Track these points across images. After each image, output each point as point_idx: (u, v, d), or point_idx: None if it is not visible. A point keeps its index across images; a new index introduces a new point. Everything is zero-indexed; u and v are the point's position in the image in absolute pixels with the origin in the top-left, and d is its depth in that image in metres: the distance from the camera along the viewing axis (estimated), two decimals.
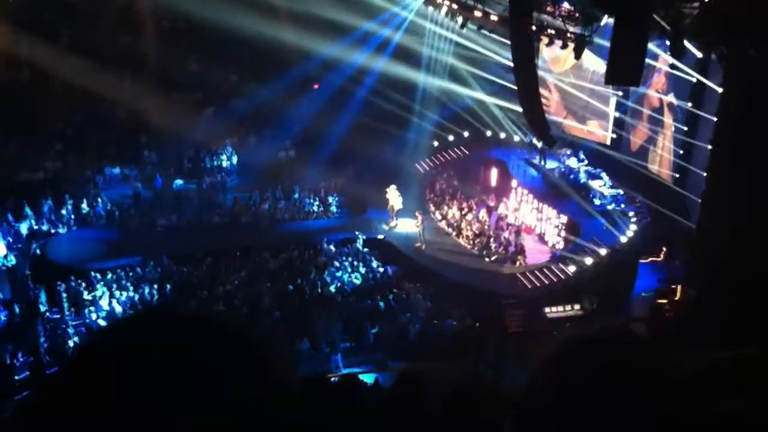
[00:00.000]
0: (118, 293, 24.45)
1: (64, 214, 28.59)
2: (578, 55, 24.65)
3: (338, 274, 26.80)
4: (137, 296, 24.54)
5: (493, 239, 29.50)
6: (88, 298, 23.92)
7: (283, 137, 34.90)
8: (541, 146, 31.55)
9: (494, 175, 34.63)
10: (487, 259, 28.63)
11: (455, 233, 30.76)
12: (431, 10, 32.16)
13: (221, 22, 30.39)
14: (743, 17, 17.45)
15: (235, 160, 34.47)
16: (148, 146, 33.45)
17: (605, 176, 30.49)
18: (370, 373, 21.15)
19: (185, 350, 1.18)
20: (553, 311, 24.95)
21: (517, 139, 35.18)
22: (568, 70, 33.33)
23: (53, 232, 28.01)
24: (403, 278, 27.13)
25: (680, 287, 23.10)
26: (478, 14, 27.74)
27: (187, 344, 1.19)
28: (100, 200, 30.01)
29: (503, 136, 35.75)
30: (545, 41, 26.79)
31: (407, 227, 29.97)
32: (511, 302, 25.33)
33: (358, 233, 28.99)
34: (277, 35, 31.74)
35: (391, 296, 25.53)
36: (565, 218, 29.51)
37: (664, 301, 23.51)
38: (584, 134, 33.79)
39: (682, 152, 28.42)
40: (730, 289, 18.09)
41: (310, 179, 32.86)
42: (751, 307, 16.07)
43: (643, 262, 27.66)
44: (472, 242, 29.85)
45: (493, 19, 27.51)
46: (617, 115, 32.39)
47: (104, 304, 23.74)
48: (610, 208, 29.07)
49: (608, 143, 32.87)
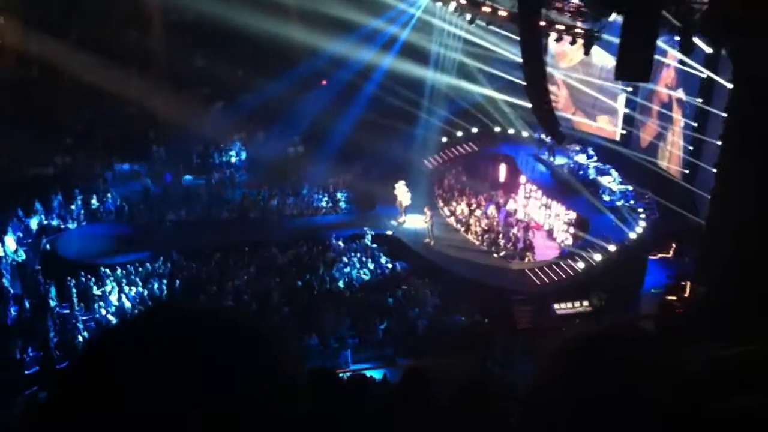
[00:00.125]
0: (127, 288, 24.53)
1: (73, 209, 28.68)
2: (587, 51, 24.60)
3: (347, 270, 26.80)
4: (146, 291, 24.61)
5: (501, 235, 29.49)
6: (97, 293, 24.01)
7: (291, 133, 34.90)
8: (549, 142, 31.49)
9: (503, 171, 34.60)
10: (495, 255, 28.61)
11: (464, 229, 30.74)
12: (439, 6, 32.08)
13: (229, 18, 30.42)
14: (751, 13, 17.37)
15: (243, 155, 34.51)
16: (157, 142, 33.49)
17: (614, 172, 30.43)
18: (378, 369, 21.20)
19: (194, 346, 1.18)
20: (561, 307, 24.95)
21: (525, 135, 35.10)
22: (575, 65, 33.26)
23: (63, 227, 28.12)
24: (411, 274, 27.14)
25: (689, 284, 23.05)
26: (486, 10, 27.66)
27: (196, 340, 1.19)
28: (109, 196, 30.09)
29: (512, 131, 35.68)
30: (554, 37, 26.71)
31: (416, 223, 29.95)
32: (519, 298, 25.33)
33: (366, 229, 28.99)
34: (285, 32, 31.77)
35: (399, 292, 25.54)
36: (574, 214, 29.46)
37: (673, 297, 23.46)
38: (593, 130, 33.71)
39: (691, 148, 28.35)
40: (739, 285, 18.03)
41: (318, 175, 32.87)
42: (760, 303, 16.03)
43: (652, 258, 27.59)
44: (480, 238, 29.83)
45: (501, 15, 27.43)
46: (626, 111, 32.31)
47: (114, 299, 23.82)
48: (619, 204, 29.02)
49: (617, 139, 32.81)
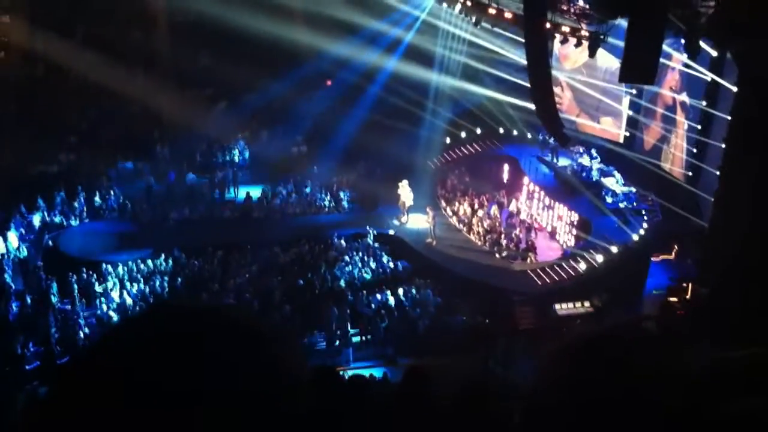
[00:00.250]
0: (129, 285, 24.55)
1: (76, 206, 28.71)
2: (593, 53, 24.60)
3: (348, 269, 26.80)
4: (148, 289, 24.64)
5: (503, 236, 29.48)
6: (99, 290, 24.03)
7: (295, 133, 34.89)
8: (553, 143, 31.46)
9: (506, 171, 34.59)
10: (497, 255, 28.61)
11: (466, 229, 30.74)
12: (444, 8, 32.06)
13: (234, 18, 30.41)
14: (757, 16, 17.33)
15: (247, 155, 34.52)
16: (161, 141, 33.51)
17: (618, 174, 30.39)
18: (379, 367, 21.22)
19: (196, 344, 1.18)
20: (563, 308, 24.94)
21: (529, 136, 35.10)
22: (579, 66, 33.24)
23: (66, 224, 28.16)
24: (413, 274, 27.13)
25: (691, 285, 23.02)
26: (492, 12, 27.64)
27: (197, 338, 1.19)
28: (112, 193, 30.12)
29: (516, 133, 35.68)
30: (559, 39, 26.70)
31: (418, 223, 29.96)
32: (521, 299, 25.32)
33: (369, 228, 28.97)
34: (290, 33, 31.74)
35: (401, 291, 25.53)
36: (576, 216, 29.44)
37: (675, 299, 23.43)
38: (597, 132, 33.68)
39: (695, 151, 28.31)
40: (742, 287, 18.00)
41: (321, 175, 32.88)
42: (762, 305, 15.99)
43: (654, 260, 27.56)
44: (482, 239, 29.83)
45: (507, 17, 27.42)
46: (630, 113, 32.28)
47: (115, 296, 23.83)
48: (622, 206, 28.99)
49: (621, 141, 32.77)
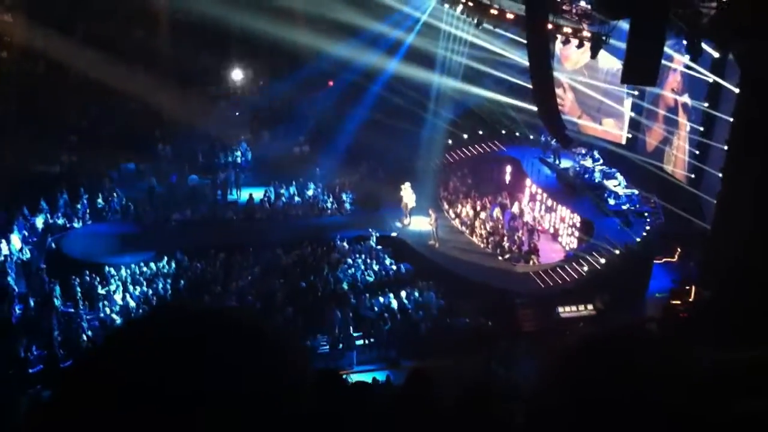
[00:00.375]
0: (131, 288, 24.53)
1: (79, 208, 28.73)
2: (594, 54, 24.59)
3: (351, 271, 26.77)
4: (151, 291, 24.62)
5: (506, 238, 29.46)
6: (102, 292, 24.01)
7: (297, 133, 34.92)
8: (555, 145, 31.44)
9: (508, 173, 34.57)
10: (500, 257, 28.59)
11: (468, 231, 30.73)
12: (446, 9, 32.03)
13: (236, 19, 30.42)
14: (759, 17, 17.33)
15: (249, 156, 34.52)
16: (162, 141, 33.54)
17: (620, 176, 30.36)
18: (382, 371, 21.19)
19: (199, 346, 1.18)
20: (566, 310, 24.91)
21: (531, 137, 35.06)
22: (580, 68, 33.22)
23: (68, 226, 28.17)
24: (415, 276, 27.09)
25: (694, 288, 23.01)
26: (493, 12, 27.62)
27: (201, 340, 1.19)
28: (115, 195, 30.13)
29: (518, 134, 35.65)
30: (561, 40, 26.69)
31: (421, 225, 29.95)
32: (523, 301, 25.30)
33: (371, 230, 28.94)
34: (292, 34, 31.73)
35: (403, 294, 25.50)
36: (579, 218, 29.41)
37: (677, 301, 23.41)
38: (599, 133, 33.66)
39: (697, 152, 28.26)
40: (744, 289, 17.99)
41: (324, 176, 32.89)
42: (765, 307, 15.98)
43: (657, 262, 27.53)
44: (485, 241, 29.82)
45: (508, 17, 27.40)
46: (632, 115, 32.26)
47: (118, 298, 23.80)
48: (624, 208, 28.92)
49: (623, 143, 32.74)
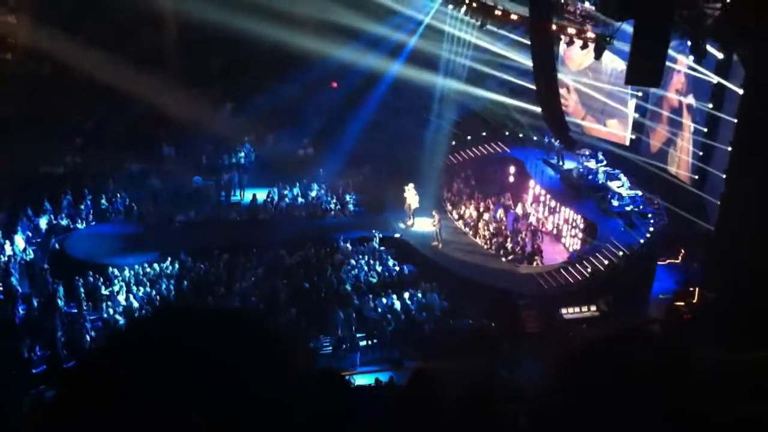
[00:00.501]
0: (135, 288, 24.55)
1: (82, 209, 28.76)
2: (599, 55, 24.57)
3: (354, 272, 26.77)
4: (154, 292, 24.64)
5: (509, 239, 29.43)
6: (105, 293, 24.05)
7: (301, 135, 34.92)
8: (559, 146, 31.40)
9: (512, 174, 34.53)
10: (503, 259, 28.57)
11: (472, 233, 30.72)
12: (450, 12, 31.99)
13: (241, 21, 30.35)
14: (764, 18, 17.29)
15: (253, 157, 34.52)
16: (167, 142, 33.57)
17: (624, 177, 30.31)
18: (385, 372, 21.17)
19: (201, 348, 1.18)
20: (569, 312, 24.89)
21: (535, 138, 35.01)
22: (584, 69, 33.16)
23: (72, 227, 28.20)
24: (419, 277, 27.08)
25: (698, 289, 22.95)
26: (497, 14, 27.61)
27: (203, 342, 1.19)
28: (118, 195, 30.16)
29: (521, 135, 35.61)
30: (565, 41, 26.67)
31: (424, 226, 29.95)
32: (527, 302, 25.28)
33: (374, 232, 28.94)
34: (297, 37, 31.67)
35: (407, 295, 25.49)
36: (582, 219, 29.37)
37: (681, 303, 23.37)
38: (603, 135, 33.56)
39: (701, 154, 28.19)
40: (748, 291, 17.94)
41: (327, 177, 32.89)
42: None
43: (660, 263, 27.47)
44: (488, 242, 29.79)
45: (512, 18, 27.39)
46: (636, 116, 32.19)
47: (121, 299, 23.82)
48: (628, 209, 28.87)
49: (627, 144, 32.67)
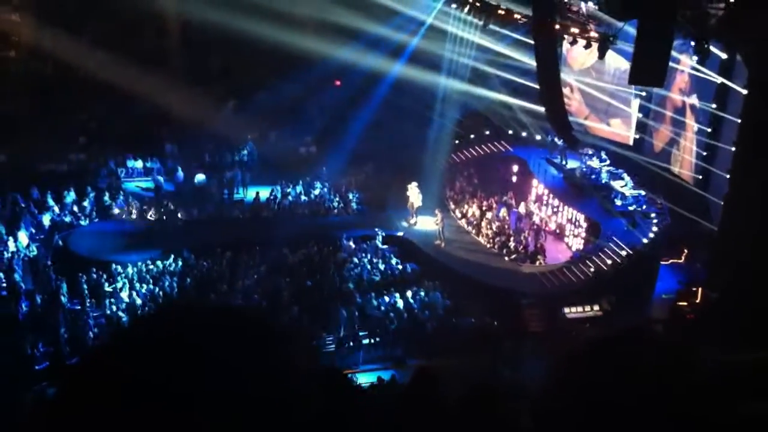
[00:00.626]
0: (138, 285, 24.57)
1: (86, 206, 28.79)
2: (602, 54, 24.54)
3: (357, 270, 26.77)
4: (157, 289, 24.66)
5: (512, 238, 29.40)
6: (108, 290, 24.07)
7: (304, 133, 34.91)
8: (562, 145, 31.36)
9: (515, 173, 34.47)
10: (506, 257, 28.54)
11: (474, 231, 30.69)
12: (452, 12, 31.93)
13: (244, 21, 30.33)
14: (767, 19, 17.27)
15: (255, 154, 34.52)
16: (170, 140, 33.57)
17: (627, 177, 30.26)
18: (387, 370, 21.18)
19: (204, 346, 1.18)
20: (572, 311, 24.85)
21: (538, 138, 34.95)
22: (587, 68, 33.10)
23: (75, 223, 28.24)
24: (421, 276, 27.06)
25: (701, 289, 22.91)
26: (500, 13, 27.57)
27: (205, 340, 1.20)
28: (121, 193, 30.18)
29: (524, 134, 35.55)
30: (568, 40, 26.62)
31: (427, 225, 29.94)
32: (529, 301, 25.25)
33: (377, 230, 28.94)
34: (300, 37, 31.64)
35: (409, 294, 25.47)
36: (585, 218, 29.32)
37: (684, 303, 23.33)
38: (607, 134, 33.48)
39: (705, 154, 28.11)
40: (751, 291, 17.91)
41: (330, 175, 32.88)
42: None
43: (663, 263, 27.43)
44: (491, 241, 29.76)
45: (516, 18, 27.36)
46: (640, 116, 32.13)
47: (124, 296, 23.84)
48: (631, 209, 28.81)
49: (630, 144, 32.60)
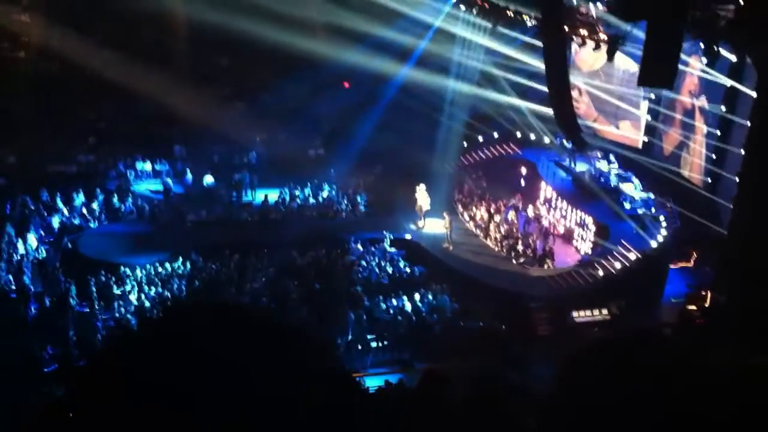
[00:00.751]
0: (147, 288, 24.63)
1: (95, 208, 28.90)
2: (611, 56, 24.52)
3: (365, 273, 26.76)
4: (166, 291, 24.71)
5: (520, 241, 29.36)
6: (117, 292, 24.14)
7: (312, 135, 34.98)
8: (571, 148, 31.32)
9: (523, 176, 34.44)
10: (514, 261, 28.51)
11: (483, 235, 30.67)
12: (462, 13, 31.94)
13: (252, 23, 30.39)
14: None
15: (264, 157, 34.57)
16: (178, 142, 33.69)
17: (636, 180, 30.20)
18: (395, 373, 21.16)
19: (210, 348, 1.18)
20: (580, 315, 24.79)
21: (547, 140, 34.93)
22: (596, 70, 33.06)
23: (84, 226, 28.34)
24: (429, 279, 27.04)
25: (710, 293, 22.82)
26: (509, 15, 27.58)
27: (212, 342, 1.19)
28: (130, 195, 30.29)
29: (533, 137, 35.53)
30: (577, 42, 26.59)
31: (435, 227, 29.94)
32: (538, 305, 25.20)
33: (385, 233, 28.94)
34: (309, 41, 31.69)
35: (417, 297, 25.46)
36: (594, 221, 29.26)
37: (693, 306, 23.23)
38: (616, 137, 33.43)
39: (714, 157, 28.03)
40: (760, 295, 17.84)
41: (338, 178, 32.92)
42: None
43: (672, 267, 27.34)
44: (499, 244, 29.73)
45: (524, 20, 27.37)
46: (649, 118, 32.07)
47: (133, 298, 23.91)
48: (640, 212, 28.74)
49: (640, 147, 32.53)
